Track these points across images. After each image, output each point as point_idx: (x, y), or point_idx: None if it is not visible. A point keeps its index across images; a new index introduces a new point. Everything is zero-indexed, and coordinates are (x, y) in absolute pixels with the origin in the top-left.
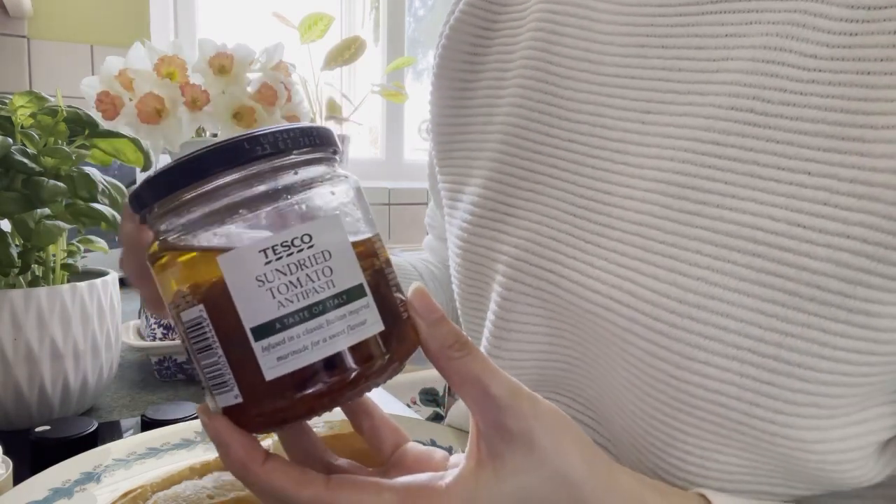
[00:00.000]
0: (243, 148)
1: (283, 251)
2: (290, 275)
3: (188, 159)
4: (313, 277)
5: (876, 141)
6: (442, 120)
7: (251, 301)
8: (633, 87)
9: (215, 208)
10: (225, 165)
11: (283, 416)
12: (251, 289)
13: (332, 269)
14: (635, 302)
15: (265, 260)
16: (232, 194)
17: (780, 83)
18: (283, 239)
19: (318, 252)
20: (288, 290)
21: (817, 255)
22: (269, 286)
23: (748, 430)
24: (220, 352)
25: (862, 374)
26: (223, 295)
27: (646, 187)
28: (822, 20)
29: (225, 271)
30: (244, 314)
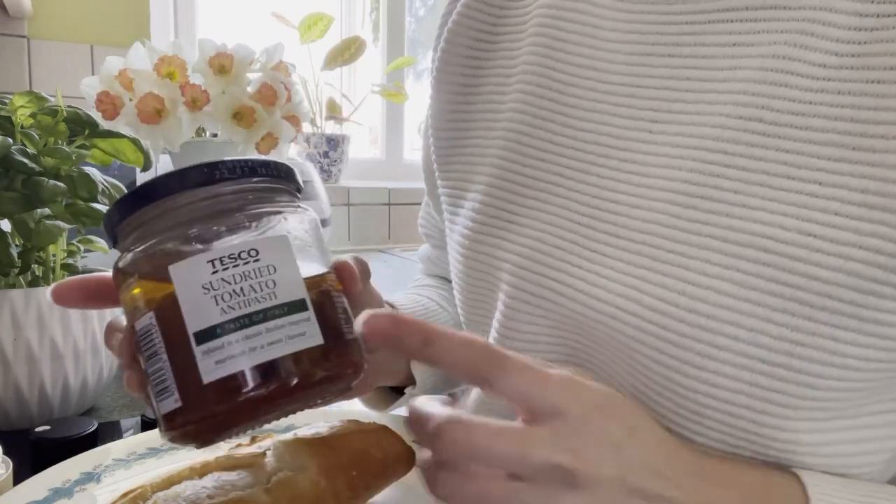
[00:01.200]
0: (202, 172)
1: (230, 262)
2: (234, 284)
3: (150, 182)
4: (256, 288)
5: (887, 151)
6: (443, 125)
7: (196, 307)
8: (640, 97)
9: (172, 224)
10: (184, 187)
11: (220, 422)
12: (197, 295)
13: (276, 282)
14: (642, 310)
15: (212, 270)
16: (189, 213)
17: (789, 92)
18: (231, 252)
19: (264, 266)
20: (231, 298)
21: (829, 265)
22: (214, 293)
23: (757, 438)
24: (165, 356)
25: (867, 378)
26: (172, 302)
27: (653, 196)
28: (831, 29)
29: (175, 279)
30: (189, 319)
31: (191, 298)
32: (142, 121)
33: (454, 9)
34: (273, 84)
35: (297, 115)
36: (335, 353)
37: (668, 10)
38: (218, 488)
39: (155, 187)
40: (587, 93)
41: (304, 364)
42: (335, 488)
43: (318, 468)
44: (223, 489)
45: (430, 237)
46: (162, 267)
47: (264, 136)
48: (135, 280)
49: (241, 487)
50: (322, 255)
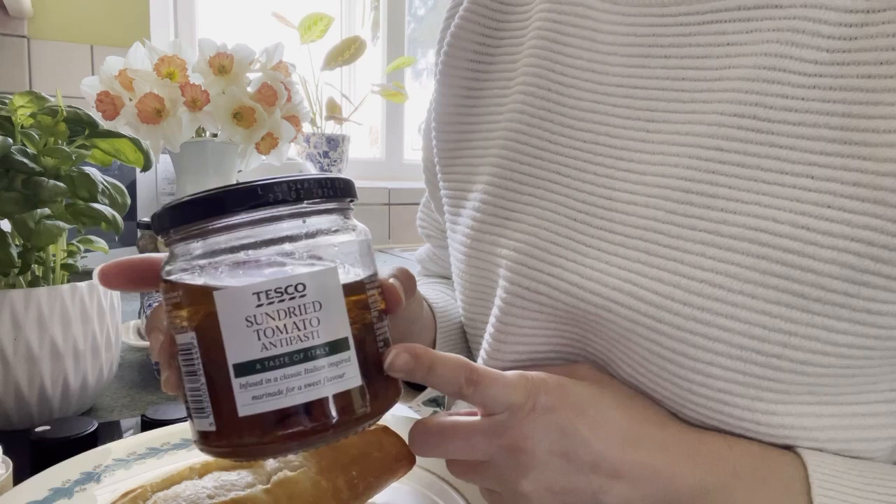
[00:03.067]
0: (256, 193)
1: (276, 297)
2: (279, 320)
3: (207, 195)
4: (300, 326)
5: (878, 145)
6: (445, 126)
7: (238, 339)
8: (637, 97)
9: (223, 245)
10: (238, 207)
11: (251, 452)
12: (240, 327)
13: (321, 319)
14: (637, 303)
15: (257, 302)
16: (240, 235)
17: (782, 89)
18: (278, 285)
19: (310, 302)
20: (274, 335)
21: (822, 257)
22: (257, 328)
23: (752, 426)
24: (203, 379)
25: (859, 366)
26: (214, 328)
27: (649, 193)
28: (822, 26)
29: (219, 307)
30: (229, 350)
31: (233, 329)
32: (142, 121)
33: (457, 13)
34: (273, 84)
35: (297, 115)
36: (372, 392)
37: (662, 13)
38: (218, 488)
39: (216, 201)
40: (586, 94)
41: (340, 406)
42: (335, 488)
43: (318, 468)
44: (223, 489)
45: (430, 237)
46: (208, 289)
47: (264, 136)
48: (179, 295)
49: (241, 487)
50: (370, 274)
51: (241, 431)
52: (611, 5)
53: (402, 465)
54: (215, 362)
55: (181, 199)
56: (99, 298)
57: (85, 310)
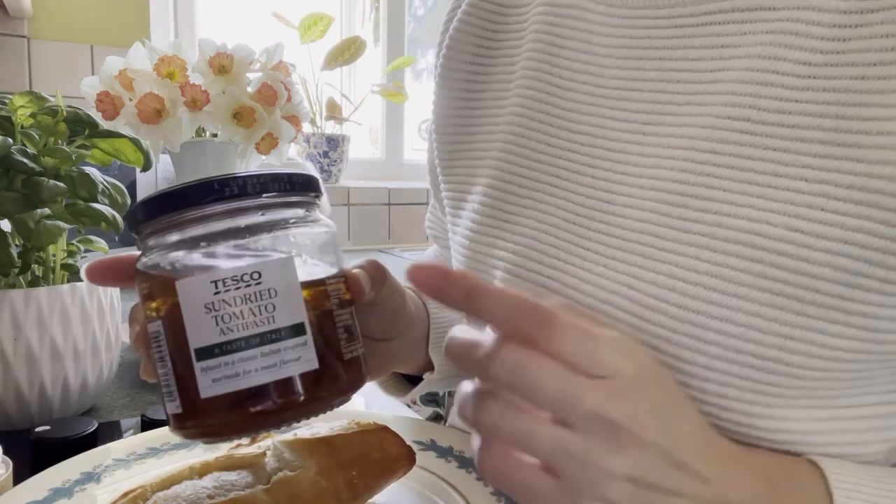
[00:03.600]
0: (214, 188)
1: (233, 284)
2: (235, 306)
3: (171, 191)
4: (256, 312)
5: (871, 147)
6: (445, 129)
7: (198, 325)
8: (633, 100)
9: (186, 237)
10: (199, 201)
11: (213, 432)
12: (200, 314)
13: (276, 305)
14: (633, 306)
15: (215, 290)
16: (202, 227)
17: (775, 91)
18: (234, 273)
19: (265, 289)
20: (231, 320)
21: (816, 260)
22: (215, 314)
23: (749, 431)
24: (170, 364)
25: (856, 369)
26: (177, 316)
27: (645, 196)
28: (815, 27)
29: (180, 295)
30: (191, 336)
31: (193, 315)
32: (142, 121)
33: (455, 15)
34: (273, 84)
35: (297, 115)
36: (329, 376)
37: (657, 15)
38: (218, 488)
39: (176, 196)
40: (583, 97)
41: (295, 388)
42: (335, 488)
43: (318, 468)
44: (223, 489)
45: (437, 238)
46: (171, 280)
47: (264, 136)
48: (148, 286)
49: (241, 487)
50: (333, 266)
51: (204, 413)
52: (606, 7)
53: (402, 465)
54: (179, 348)
55: (150, 195)
56: (99, 298)
57: (85, 310)
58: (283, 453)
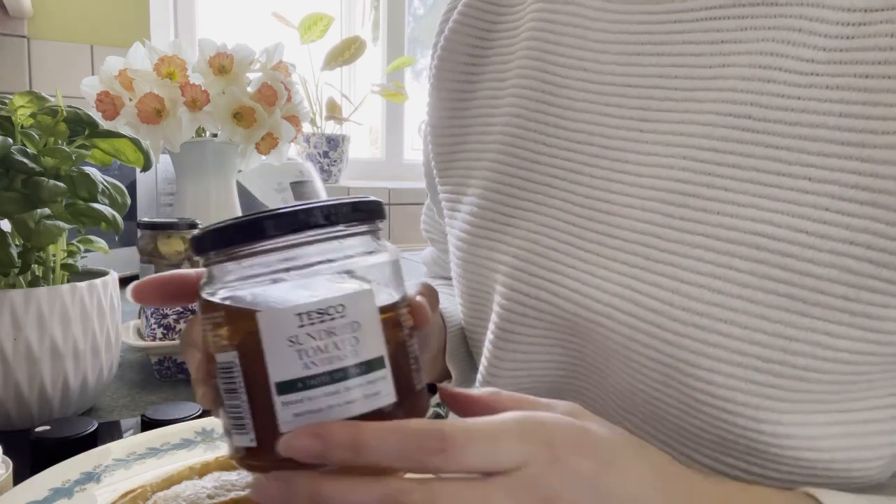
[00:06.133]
0: (296, 218)
1: (317, 317)
2: (320, 340)
3: (249, 220)
4: (340, 345)
5: (877, 146)
6: (441, 130)
7: (280, 358)
8: (630, 96)
9: (263, 268)
10: (279, 231)
11: (290, 467)
12: (282, 347)
13: (359, 339)
14: (637, 310)
15: (299, 323)
16: (280, 257)
17: (778, 88)
18: (319, 307)
19: (349, 322)
20: (315, 354)
21: (821, 262)
22: (299, 347)
23: (754, 435)
24: (245, 397)
25: (861, 372)
26: (256, 348)
27: (645, 195)
28: (819, 24)
29: (261, 327)
30: (272, 369)
31: (276, 349)
32: (142, 121)
33: (451, 16)
34: (273, 84)
35: (297, 115)
36: (404, 408)
37: (655, 10)
38: (218, 488)
39: (257, 226)
40: (578, 94)
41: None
42: None
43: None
44: (223, 489)
45: (434, 241)
46: (250, 311)
47: (264, 136)
48: (221, 316)
49: (241, 487)
50: (401, 293)
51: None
52: (603, 2)
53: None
54: (257, 381)
55: (222, 222)
56: (99, 298)
57: (85, 310)
58: None
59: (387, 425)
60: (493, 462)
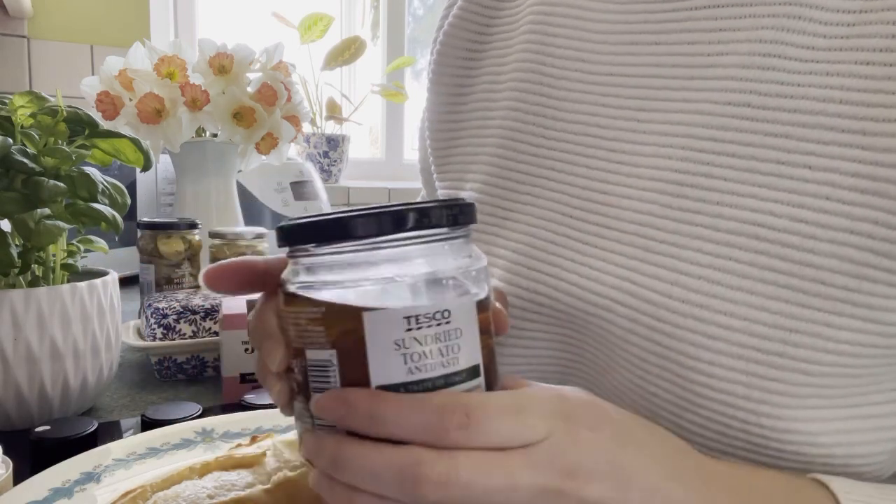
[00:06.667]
0: (411, 217)
1: (425, 322)
2: (425, 345)
3: (361, 214)
4: (443, 352)
5: (878, 134)
6: (438, 126)
7: (384, 361)
8: (627, 86)
9: (372, 265)
10: (392, 229)
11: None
12: (388, 350)
13: (460, 346)
14: (636, 302)
15: (407, 326)
16: (388, 255)
17: (777, 76)
18: (428, 310)
19: (452, 329)
20: (420, 359)
21: (821, 251)
22: (405, 352)
23: (755, 429)
24: None
25: (863, 365)
26: (358, 348)
27: (643, 186)
28: (818, 11)
29: (367, 328)
30: (374, 372)
31: (380, 351)
32: (142, 121)
33: (450, 12)
34: (273, 84)
35: (297, 115)
36: None
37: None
38: (218, 488)
39: (363, 223)
40: (576, 85)
41: None
42: None
43: None
44: (223, 489)
45: None
46: (355, 310)
47: (264, 136)
48: (321, 311)
49: (241, 487)
50: (489, 301)
51: None
52: None
53: None
54: (355, 381)
55: (326, 215)
56: (99, 298)
57: (85, 310)
58: (283, 453)
59: (409, 397)
60: (516, 436)
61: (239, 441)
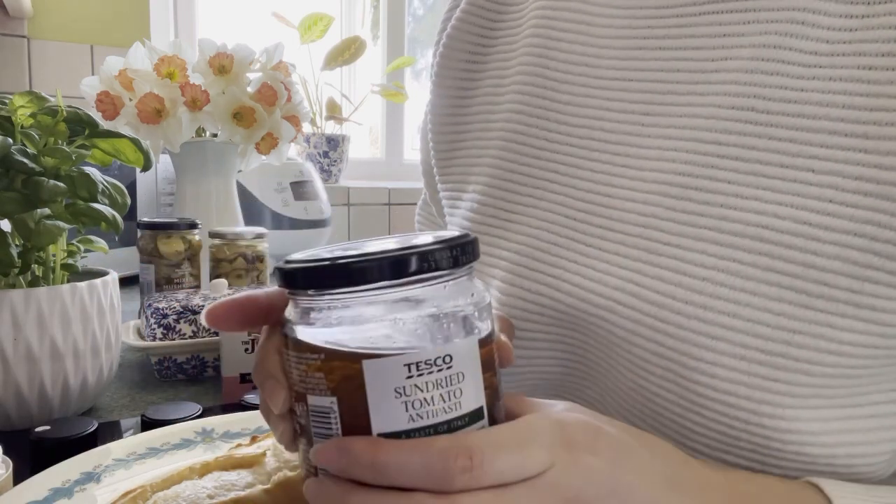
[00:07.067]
0: (412, 262)
1: (426, 368)
2: (426, 392)
3: (357, 262)
4: (445, 398)
5: (881, 138)
6: (441, 128)
7: (385, 409)
8: (632, 90)
9: (370, 312)
10: (391, 276)
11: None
12: (388, 398)
13: (462, 391)
14: (639, 303)
15: (407, 374)
16: (386, 300)
17: (781, 80)
18: (428, 357)
19: (455, 374)
20: (421, 406)
21: (825, 253)
22: (405, 399)
23: (757, 430)
24: None
25: (864, 365)
26: (359, 396)
27: (647, 189)
28: (821, 17)
29: (367, 376)
30: (375, 420)
31: (381, 399)
32: (142, 121)
33: (453, 14)
34: (273, 84)
35: (297, 115)
36: None
37: (658, 4)
38: (218, 488)
39: (365, 271)
40: (580, 88)
41: None
42: None
43: None
44: (223, 489)
45: None
46: (354, 357)
47: (264, 136)
48: (320, 358)
49: (241, 487)
50: (493, 336)
51: None
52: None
53: None
54: (356, 429)
55: (324, 260)
56: (99, 298)
57: (85, 310)
58: (283, 453)
59: (409, 443)
60: (519, 471)
61: (239, 441)
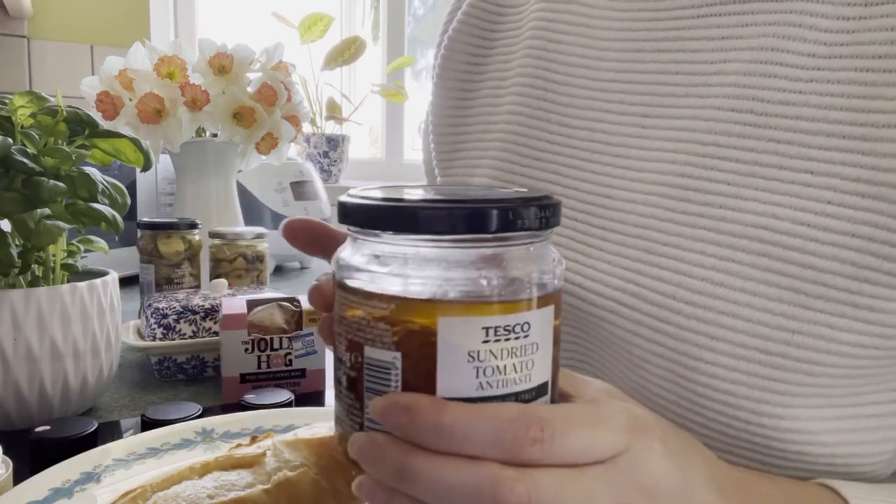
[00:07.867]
0: (507, 215)
1: (503, 335)
2: (500, 360)
3: (445, 208)
4: (518, 368)
5: (878, 139)
6: (443, 129)
7: (455, 373)
8: (631, 92)
9: (453, 265)
10: (483, 228)
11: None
12: (460, 361)
13: (534, 362)
14: (640, 303)
15: (484, 338)
16: (475, 257)
17: (779, 83)
18: (507, 322)
19: (530, 343)
20: (493, 374)
21: (823, 254)
22: (478, 365)
23: (757, 429)
24: None
25: (864, 365)
26: (428, 355)
27: (647, 190)
28: (819, 19)
29: (441, 334)
30: (442, 383)
31: (451, 361)
32: (142, 121)
33: (455, 16)
34: (273, 84)
35: (297, 115)
36: None
37: (657, 7)
38: (218, 488)
39: (457, 217)
40: (580, 90)
41: None
42: (335, 488)
43: (318, 468)
44: (223, 489)
45: None
46: (431, 312)
47: (264, 136)
48: (389, 308)
49: (241, 487)
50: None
51: None
52: (606, 1)
53: None
54: (418, 390)
55: (399, 198)
56: (99, 298)
57: (85, 310)
58: (283, 453)
59: (479, 408)
60: (591, 452)
61: (239, 441)
